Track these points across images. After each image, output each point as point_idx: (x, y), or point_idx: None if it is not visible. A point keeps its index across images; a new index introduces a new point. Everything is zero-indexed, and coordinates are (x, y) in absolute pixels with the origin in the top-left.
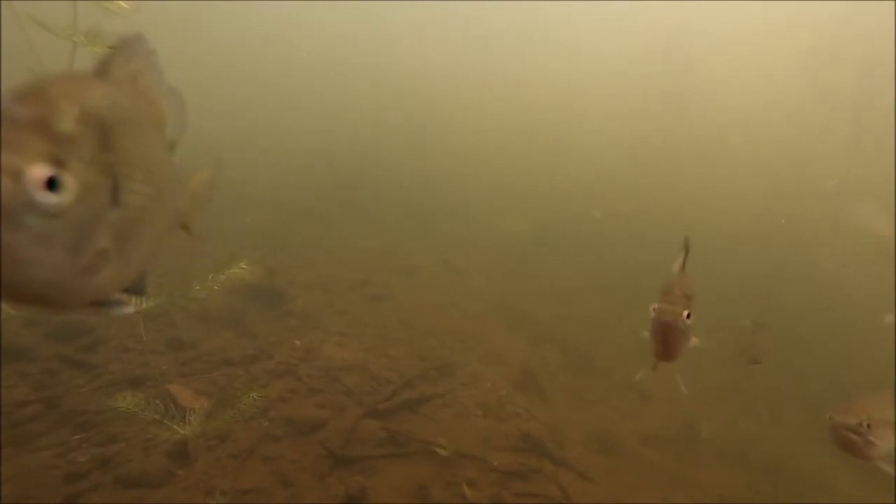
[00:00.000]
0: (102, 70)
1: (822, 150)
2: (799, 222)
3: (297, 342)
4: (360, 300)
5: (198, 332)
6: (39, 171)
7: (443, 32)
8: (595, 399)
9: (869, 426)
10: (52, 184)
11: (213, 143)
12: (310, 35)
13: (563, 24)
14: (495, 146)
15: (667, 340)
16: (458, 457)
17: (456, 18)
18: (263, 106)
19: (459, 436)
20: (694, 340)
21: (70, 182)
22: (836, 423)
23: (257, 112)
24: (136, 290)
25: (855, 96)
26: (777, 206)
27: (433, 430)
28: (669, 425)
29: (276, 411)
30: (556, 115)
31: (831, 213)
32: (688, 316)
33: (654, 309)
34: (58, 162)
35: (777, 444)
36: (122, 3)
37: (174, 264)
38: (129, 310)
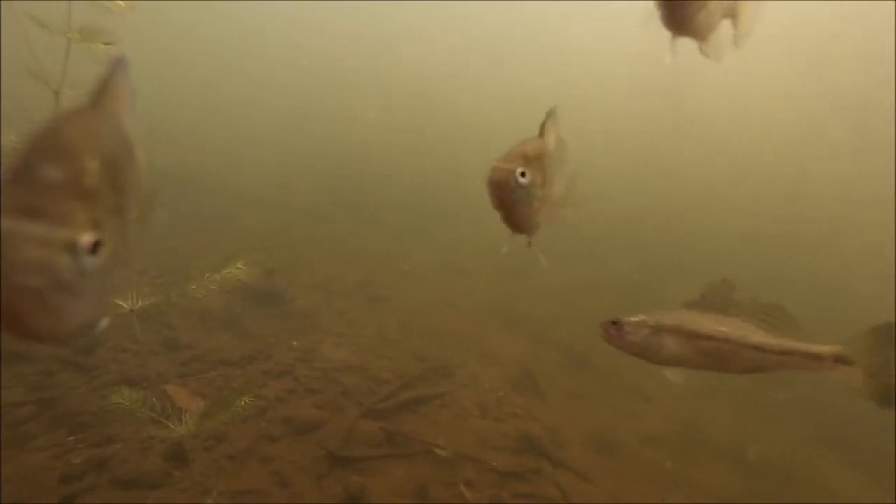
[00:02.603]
0: (96, 101)
1: (823, 150)
2: (799, 222)
3: (295, 343)
4: (359, 301)
5: (195, 332)
6: (89, 240)
7: (443, 32)
8: (594, 399)
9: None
10: (94, 246)
11: (213, 143)
12: (310, 35)
13: (562, 24)
14: (495, 146)
15: (502, 204)
16: (456, 457)
17: (456, 19)
18: (264, 106)
19: (458, 436)
20: (537, 205)
21: (106, 239)
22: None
23: (257, 112)
24: None
25: (856, 96)
26: (777, 205)
27: (432, 431)
28: (669, 425)
29: (274, 412)
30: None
31: (831, 213)
32: (522, 174)
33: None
34: (97, 224)
35: (777, 445)
36: (118, 0)
37: (171, 265)
38: (106, 324)
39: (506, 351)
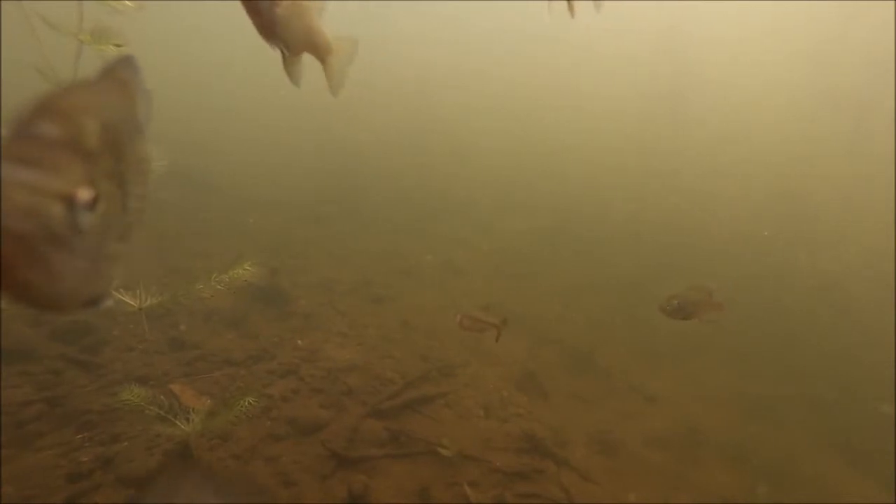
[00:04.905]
0: (100, 78)
1: (823, 151)
2: (798, 223)
3: (300, 342)
4: (362, 301)
5: (201, 332)
6: (86, 195)
7: (442, 32)
8: (596, 400)
9: None
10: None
11: (217, 143)
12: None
13: (562, 23)
14: (495, 146)
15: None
16: (460, 457)
17: (455, 18)
18: (266, 106)
19: (461, 436)
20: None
21: (102, 199)
22: None
23: (260, 112)
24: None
25: (856, 96)
26: (776, 206)
27: (435, 431)
28: (671, 426)
29: (278, 411)
30: (557, 114)
31: (831, 214)
32: None
33: None
34: (93, 182)
35: (778, 446)
36: (126, 1)
37: (176, 264)
38: (110, 303)
39: (508, 351)
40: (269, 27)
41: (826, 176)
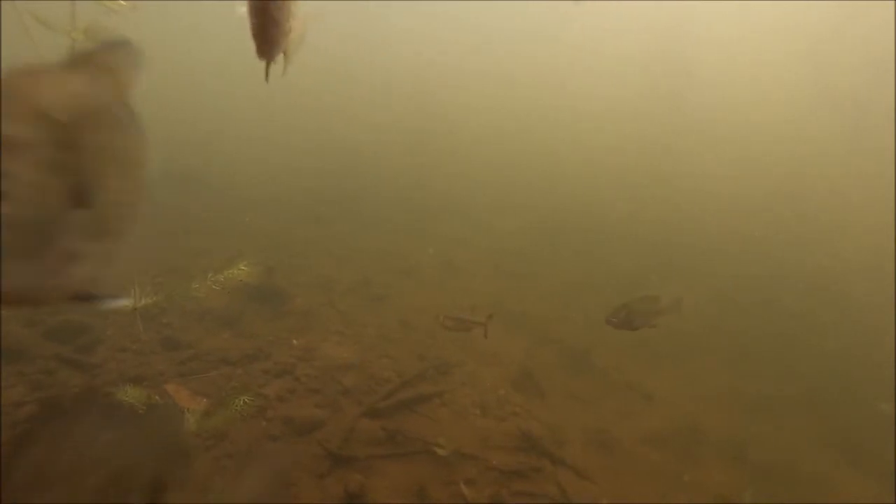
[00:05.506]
0: (77, 62)
1: (822, 151)
2: (800, 222)
3: (295, 342)
4: (360, 300)
5: (196, 331)
6: None
7: (442, 32)
8: (594, 399)
9: None
10: None
11: (214, 142)
12: (310, 34)
13: (562, 24)
14: (495, 146)
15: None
16: (456, 456)
17: (455, 18)
18: (264, 106)
19: (458, 435)
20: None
21: (16, 191)
22: None
23: (258, 112)
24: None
25: (855, 96)
26: (776, 205)
27: (432, 430)
28: (669, 425)
29: (274, 411)
30: (556, 114)
31: (831, 214)
32: None
33: None
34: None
35: (778, 446)
36: (121, 1)
37: (173, 263)
38: (119, 304)
39: (505, 350)
40: (274, 53)
41: (825, 175)
